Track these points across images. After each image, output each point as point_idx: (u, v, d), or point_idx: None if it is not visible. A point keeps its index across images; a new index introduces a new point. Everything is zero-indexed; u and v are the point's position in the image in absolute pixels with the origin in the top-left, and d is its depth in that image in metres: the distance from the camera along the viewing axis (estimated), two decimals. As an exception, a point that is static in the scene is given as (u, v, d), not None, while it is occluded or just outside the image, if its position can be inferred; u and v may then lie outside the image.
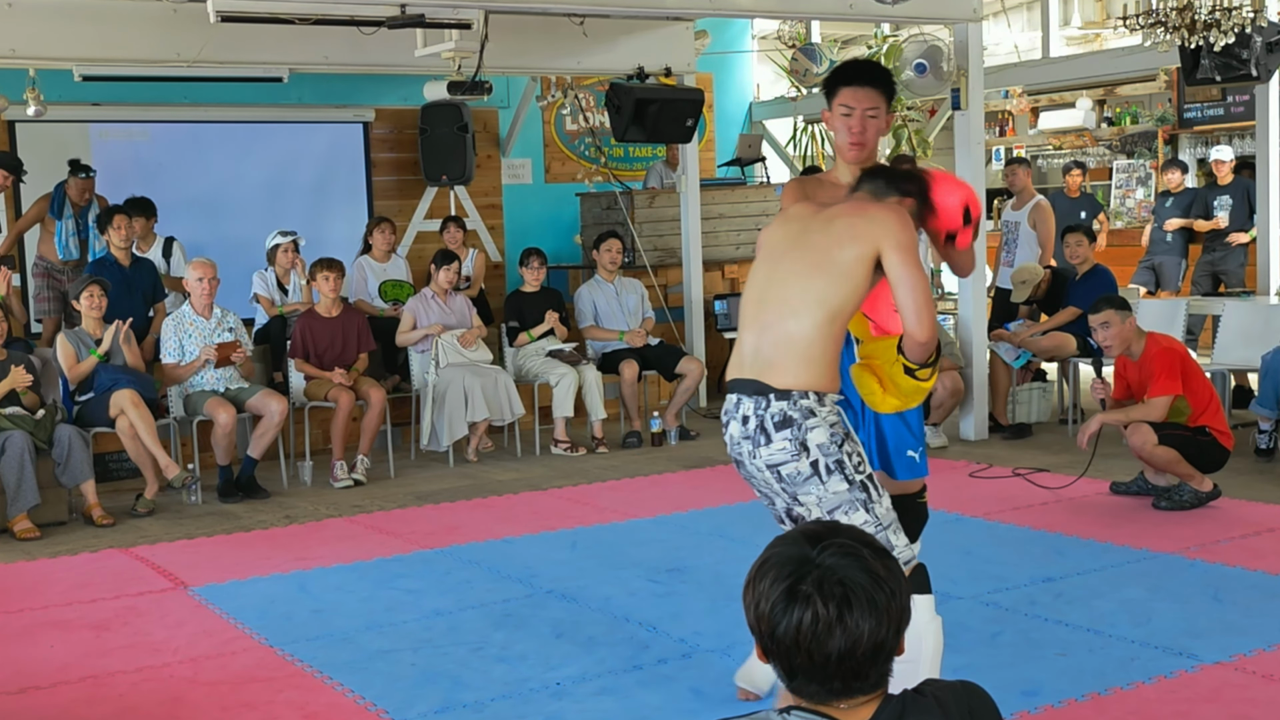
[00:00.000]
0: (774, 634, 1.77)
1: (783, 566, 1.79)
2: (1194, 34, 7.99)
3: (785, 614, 1.75)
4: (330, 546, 6.25)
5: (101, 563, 6.15)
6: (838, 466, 3.32)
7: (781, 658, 1.78)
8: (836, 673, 1.76)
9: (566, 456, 8.43)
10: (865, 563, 1.78)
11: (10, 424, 6.73)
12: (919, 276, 3.26)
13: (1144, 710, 3.86)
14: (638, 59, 9.30)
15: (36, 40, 7.68)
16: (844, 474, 3.32)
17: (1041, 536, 5.92)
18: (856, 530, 1.85)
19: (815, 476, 3.33)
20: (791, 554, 1.80)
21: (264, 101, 10.27)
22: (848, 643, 1.74)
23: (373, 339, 8.18)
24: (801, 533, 1.84)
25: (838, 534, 1.82)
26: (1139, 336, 6.48)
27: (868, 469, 3.38)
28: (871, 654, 1.76)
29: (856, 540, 1.82)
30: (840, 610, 1.74)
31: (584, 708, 4.03)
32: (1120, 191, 13.62)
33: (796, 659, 1.76)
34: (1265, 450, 7.39)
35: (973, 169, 8.52)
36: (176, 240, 9.02)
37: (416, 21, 7.53)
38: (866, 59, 3.98)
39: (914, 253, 3.27)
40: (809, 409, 3.30)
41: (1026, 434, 8.50)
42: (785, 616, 1.75)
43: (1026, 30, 14.05)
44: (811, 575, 1.76)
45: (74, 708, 4.23)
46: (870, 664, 1.77)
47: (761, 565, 1.82)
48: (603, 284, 9.08)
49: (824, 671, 1.76)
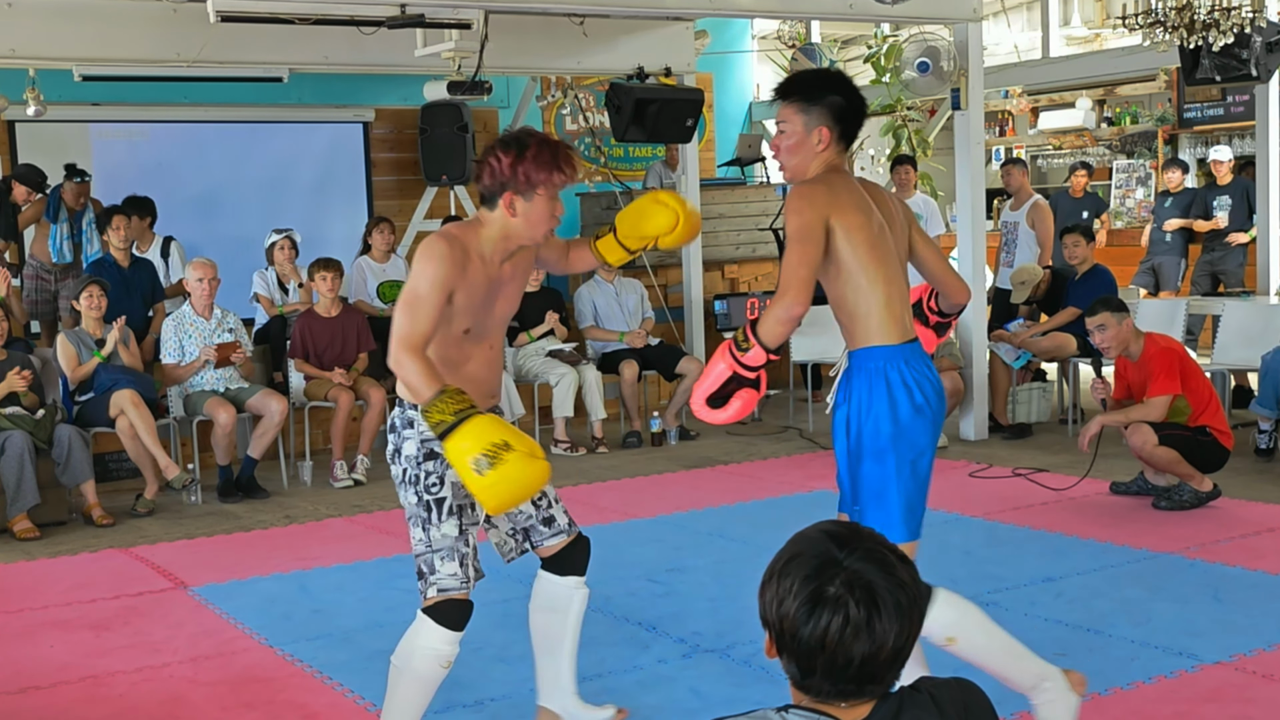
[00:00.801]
0: (797, 634, 1.75)
1: (807, 566, 1.77)
2: (1193, 34, 8.00)
3: (813, 615, 1.74)
4: (330, 546, 6.25)
5: (101, 563, 6.15)
6: (414, 481, 3.39)
7: (802, 657, 1.77)
8: (856, 675, 1.75)
9: (566, 456, 8.43)
10: (892, 567, 1.78)
11: (10, 424, 6.73)
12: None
13: (1144, 710, 3.86)
14: (638, 59, 9.29)
15: (36, 40, 7.68)
16: (415, 490, 3.39)
17: (1041, 536, 5.93)
18: (877, 534, 1.84)
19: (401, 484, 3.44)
20: (818, 553, 1.78)
21: (264, 101, 10.28)
22: (873, 647, 1.73)
23: (372, 339, 8.17)
24: (825, 532, 1.82)
25: (861, 537, 1.81)
26: (1137, 337, 6.48)
27: (440, 492, 3.38)
28: (892, 659, 1.76)
29: (880, 544, 1.81)
30: (869, 614, 1.73)
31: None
32: (1120, 191, 13.62)
33: (819, 660, 1.75)
34: (1265, 450, 7.39)
35: (973, 169, 8.53)
36: (175, 240, 9.03)
37: (416, 21, 7.53)
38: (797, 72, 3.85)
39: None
40: (408, 419, 3.40)
41: (1026, 434, 8.50)
42: (813, 618, 1.74)
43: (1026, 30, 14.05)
44: (840, 577, 1.75)
45: (74, 708, 4.23)
46: (889, 668, 1.77)
47: (787, 562, 1.80)
48: (602, 284, 9.08)
49: (844, 673, 1.75)
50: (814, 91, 3.53)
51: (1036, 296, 8.88)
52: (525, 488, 3.18)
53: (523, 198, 3.35)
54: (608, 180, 11.24)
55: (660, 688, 4.18)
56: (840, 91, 3.53)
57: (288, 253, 8.72)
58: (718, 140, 12.78)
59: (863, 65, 12.94)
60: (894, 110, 11.68)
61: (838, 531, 1.82)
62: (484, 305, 3.43)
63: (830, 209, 3.37)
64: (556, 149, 3.40)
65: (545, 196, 3.37)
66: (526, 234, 3.42)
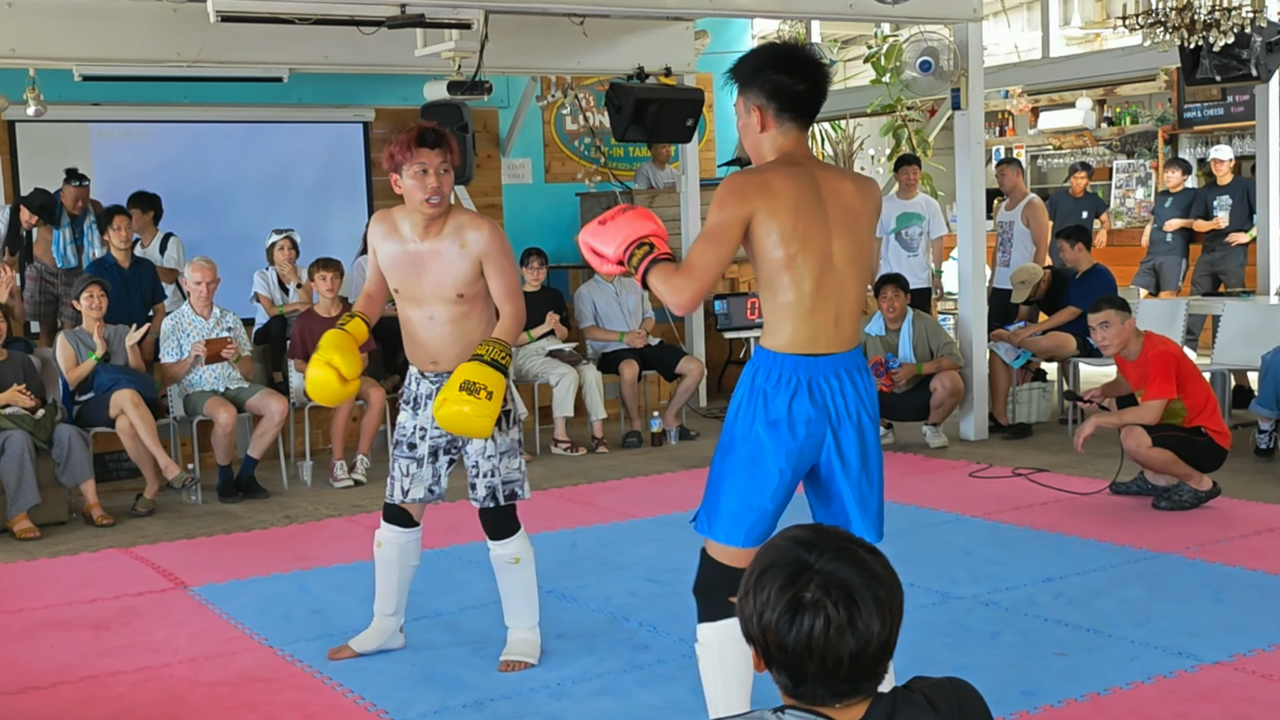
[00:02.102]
0: (782, 643, 1.76)
1: (781, 575, 1.79)
2: (1194, 34, 8.00)
3: (794, 622, 1.75)
4: (330, 546, 6.25)
5: (101, 563, 6.15)
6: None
7: (791, 665, 1.78)
8: (848, 675, 1.76)
9: (566, 456, 8.43)
10: (864, 562, 1.79)
11: (10, 424, 6.73)
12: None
13: (1144, 710, 3.86)
14: (638, 59, 9.29)
15: (36, 40, 7.68)
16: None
17: (1041, 536, 5.93)
18: (843, 531, 1.86)
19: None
20: (789, 561, 1.80)
21: (264, 101, 10.27)
22: (859, 644, 1.74)
23: (373, 339, 8.16)
24: (792, 539, 1.83)
25: (828, 538, 1.82)
26: (1137, 337, 6.50)
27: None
28: (880, 652, 1.77)
29: (847, 542, 1.82)
30: (850, 613, 1.74)
31: (584, 708, 4.04)
32: (1120, 191, 13.62)
33: (809, 666, 1.76)
34: (1265, 450, 7.39)
35: (973, 169, 8.53)
36: (174, 236, 9.02)
37: (416, 21, 7.53)
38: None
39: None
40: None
41: (1026, 434, 8.50)
42: (795, 625, 1.75)
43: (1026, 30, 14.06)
44: (814, 581, 1.76)
45: (74, 708, 4.23)
46: (879, 662, 1.78)
47: (760, 575, 1.81)
48: (602, 284, 9.08)
49: (836, 675, 1.76)
50: (746, 71, 3.34)
51: (1037, 296, 8.88)
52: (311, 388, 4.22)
53: (399, 175, 4.09)
54: (608, 180, 11.24)
55: (660, 688, 4.17)
56: (778, 67, 3.29)
57: (288, 253, 8.72)
58: (718, 140, 12.77)
59: (863, 65, 12.94)
60: (894, 110, 11.68)
61: (804, 536, 1.83)
62: (410, 274, 4.19)
63: (757, 205, 3.18)
64: (414, 131, 4.08)
65: (411, 174, 4.05)
66: (410, 206, 4.13)
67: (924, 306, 9.11)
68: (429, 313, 4.17)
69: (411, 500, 4.34)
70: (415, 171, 4.03)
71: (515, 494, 4.30)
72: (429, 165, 4.02)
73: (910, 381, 8.12)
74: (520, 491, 4.32)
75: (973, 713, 1.89)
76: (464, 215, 4.21)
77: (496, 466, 4.24)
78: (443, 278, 4.13)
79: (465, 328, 4.17)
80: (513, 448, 4.28)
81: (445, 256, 4.12)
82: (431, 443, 4.29)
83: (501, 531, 4.33)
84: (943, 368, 8.08)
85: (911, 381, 8.13)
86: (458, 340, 4.17)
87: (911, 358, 8.09)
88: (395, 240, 4.18)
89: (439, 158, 4.04)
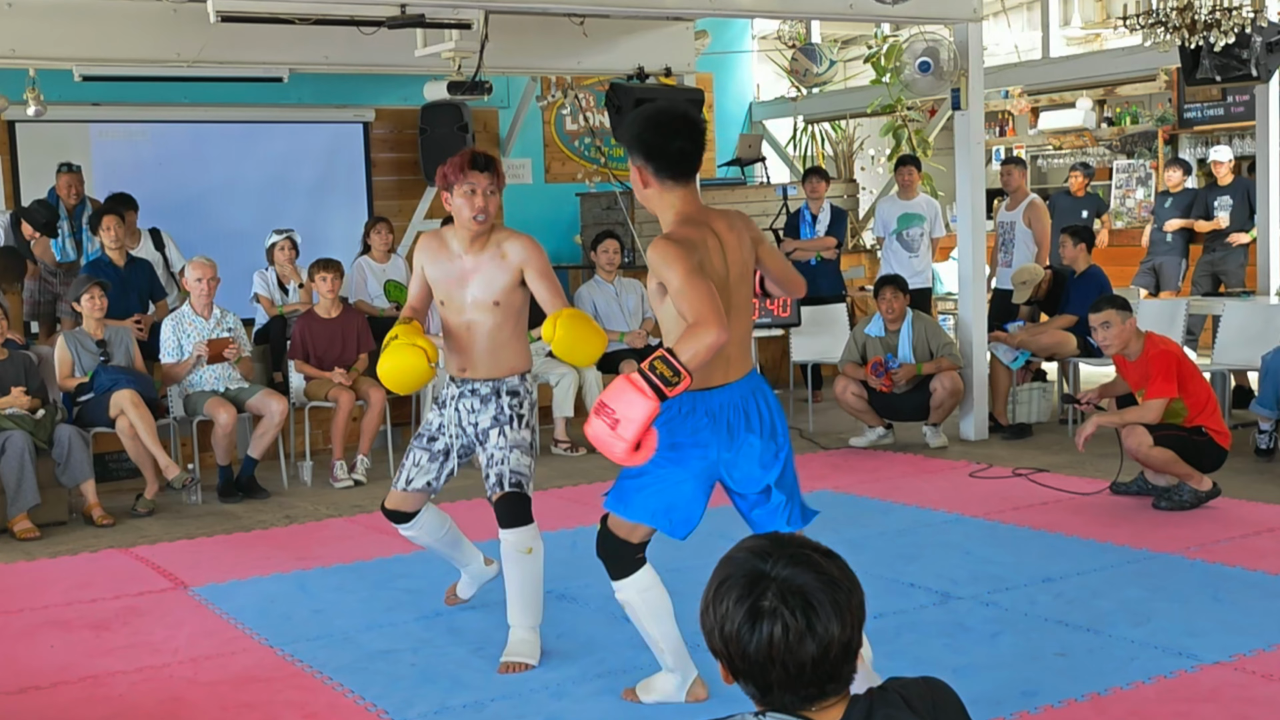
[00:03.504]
0: (744, 653, 1.78)
1: (739, 585, 1.81)
2: (1194, 34, 7.99)
3: (754, 631, 1.77)
4: (330, 546, 6.25)
5: (101, 563, 6.15)
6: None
7: (755, 675, 1.80)
8: (812, 679, 1.78)
9: (566, 456, 8.44)
10: (819, 566, 1.81)
11: (10, 424, 6.73)
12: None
13: (1144, 710, 3.86)
14: (638, 59, 9.29)
15: (36, 40, 7.68)
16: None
17: (1041, 536, 5.93)
18: (799, 537, 1.87)
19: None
20: (745, 571, 1.82)
21: (264, 101, 10.27)
22: (820, 648, 1.76)
23: (372, 339, 8.17)
24: (748, 550, 1.85)
25: (783, 545, 1.84)
26: (1138, 337, 6.50)
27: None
28: (843, 654, 1.79)
29: (802, 547, 1.84)
30: (809, 618, 1.76)
31: (584, 708, 4.04)
32: (1120, 191, 13.62)
33: (772, 673, 1.78)
34: (1265, 450, 7.39)
35: (973, 169, 8.53)
36: (164, 231, 8.97)
37: (416, 21, 7.53)
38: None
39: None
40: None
41: (1026, 434, 8.49)
42: (754, 634, 1.77)
43: (1026, 30, 14.04)
44: (771, 589, 1.78)
45: (74, 708, 4.23)
46: (843, 664, 1.80)
47: (717, 588, 1.84)
48: (602, 284, 9.08)
49: (799, 680, 1.78)
50: (625, 135, 3.63)
51: (1038, 297, 8.88)
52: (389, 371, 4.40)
53: (449, 194, 4.43)
54: (608, 180, 11.24)
55: (660, 688, 4.17)
56: (651, 129, 3.51)
57: (288, 253, 8.72)
58: (718, 140, 12.77)
59: (863, 65, 12.94)
60: (894, 110, 11.68)
61: (759, 546, 1.85)
62: (455, 286, 4.48)
63: (698, 256, 3.42)
64: (466, 155, 4.47)
65: (461, 193, 4.37)
66: (458, 223, 4.46)
67: (924, 307, 9.10)
68: (467, 321, 4.47)
69: (412, 489, 4.59)
70: (465, 191, 4.38)
71: (521, 484, 4.44)
72: (478, 186, 4.38)
73: (910, 382, 8.12)
74: (525, 485, 4.46)
75: (948, 710, 1.92)
76: (504, 231, 4.53)
77: (506, 456, 4.43)
78: (483, 287, 4.44)
79: (498, 339, 4.46)
80: (522, 444, 4.48)
81: (486, 268, 4.44)
82: (447, 441, 4.55)
83: (516, 519, 4.43)
84: (942, 368, 8.08)
85: (911, 382, 8.13)
86: (489, 351, 4.47)
87: (911, 358, 8.09)
88: (444, 256, 4.51)
89: (487, 180, 4.40)
